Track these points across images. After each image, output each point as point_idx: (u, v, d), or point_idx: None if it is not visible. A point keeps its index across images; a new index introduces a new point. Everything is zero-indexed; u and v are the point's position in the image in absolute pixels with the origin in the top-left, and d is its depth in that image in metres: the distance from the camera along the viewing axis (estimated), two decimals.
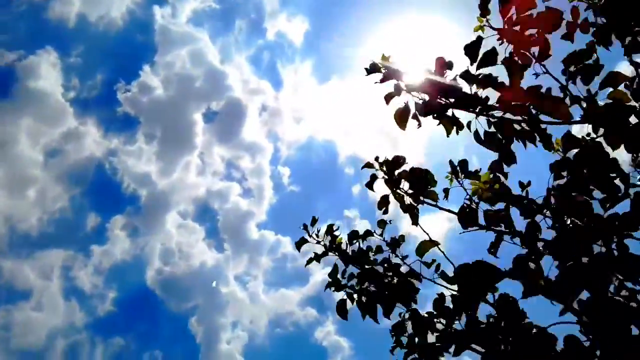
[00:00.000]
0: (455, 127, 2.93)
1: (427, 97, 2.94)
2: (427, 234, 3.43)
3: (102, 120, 36.90)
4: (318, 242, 3.94)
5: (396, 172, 3.58)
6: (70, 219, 35.45)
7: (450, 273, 3.24)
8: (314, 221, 3.99)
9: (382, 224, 3.73)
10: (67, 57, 36.28)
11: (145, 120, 36.74)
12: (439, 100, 2.92)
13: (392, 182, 3.54)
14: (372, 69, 3.11)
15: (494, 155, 3.06)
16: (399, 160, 3.59)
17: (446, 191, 3.47)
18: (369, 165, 3.64)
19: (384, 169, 3.60)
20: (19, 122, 34.55)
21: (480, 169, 3.38)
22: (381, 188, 3.63)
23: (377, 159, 3.65)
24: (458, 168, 3.44)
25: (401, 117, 3.04)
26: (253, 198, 36.27)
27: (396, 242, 3.71)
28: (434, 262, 3.40)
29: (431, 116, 2.95)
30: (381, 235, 3.76)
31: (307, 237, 3.98)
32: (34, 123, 34.95)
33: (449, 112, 2.91)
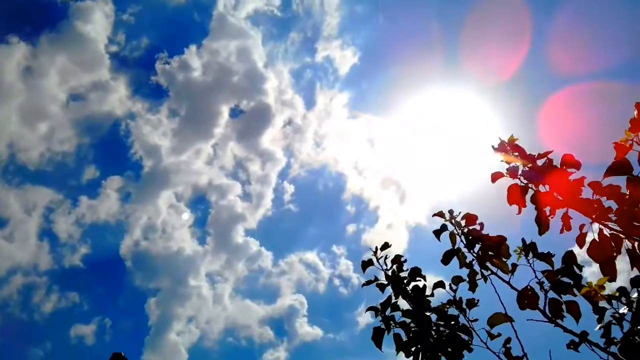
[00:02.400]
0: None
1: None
2: (504, 307, 3.34)
3: (134, 82, 36.32)
4: (382, 269, 3.99)
5: (467, 229, 3.51)
6: (70, 164, 35.26)
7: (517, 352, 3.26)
8: (385, 246, 4.00)
9: (457, 280, 3.62)
10: (122, 12, 35.96)
11: (174, 96, 36.05)
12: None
13: (468, 243, 3.48)
14: (500, 148, 3.26)
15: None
16: (471, 219, 3.50)
17: (514, 267, 3.36)
18: (440, 214, 3.59)
19: (455, 222, 3.54)
20: (54, 58, 34.16)
21: (554, 254, 3.23)
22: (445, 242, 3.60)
23: (451, 212, 3.58)
24: (529, 248, 3.29)
25: (515, 196, 3.12)
26: (250, 203, 35.88)
27: (469, 304, 3.60)
28: (499, 335, 3.36)
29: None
30: (453, 291, 3.63)
31: (374, 259, 4.01)
32: (68, 63, 34.49)
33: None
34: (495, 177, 3.38)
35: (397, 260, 3.94)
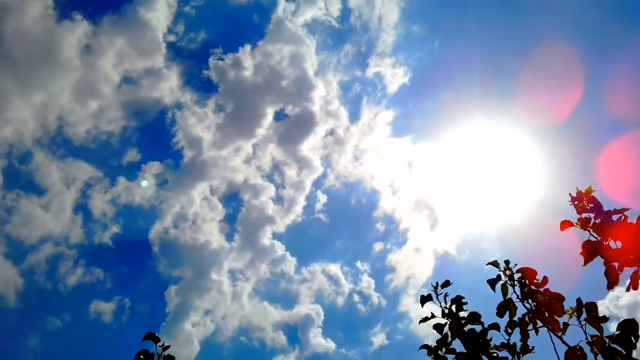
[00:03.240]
0: None
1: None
2: (558, 357, 3.33)
3: (186, 73, 37.11)
4: (440, 306, 4.08)
5: (523, 281, 3.56)
6: (114, 145, 35.90)
7: None
8: (446, 284, 4.09)
9: (512, 325, 3.64)
10: (185, 4, 36.59)
11: (222, 92, 36.54)
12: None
13: (523, 295, 3.54)
14: (576, 198, 3.37)
15: None
16: (530, 274, 3.55)
17: (565, 326, 3.36)
18: (495, 264, 3.67)
19: (509, 273, 3.61)
20: (114, 39, 35.25)
21: (608, 318, 3.19)
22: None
23: (507, 262, 3.65)
24: (584, 309, 3.27)
25: (590, 251, 3.19)
26: (281, 207, 35.13)
27: (524, 349, 3.58)
28: None
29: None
30: (508, 334, 3.64)
31: (433, 295, 4.13)
32: (126, 46, 35.46)
33: None
34: (564, 225, 3.43)
35: (459, 300, 3.97)
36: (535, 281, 3.57)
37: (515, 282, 3.58)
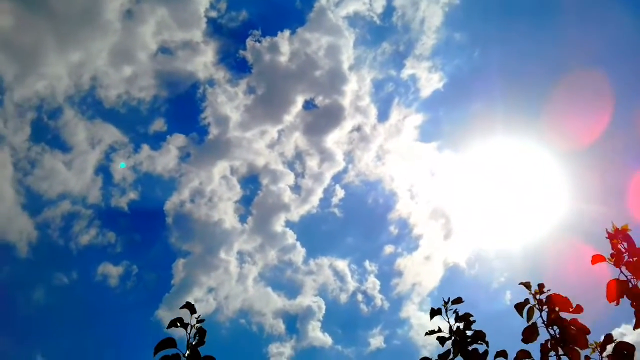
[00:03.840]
0: None
1: None
2: None
3: (222, 50, 36.34)
4: (448, 322, 4.01)
5: (551, 308, 3.57)
6: (142, 112, 35.71)
7: None
8: (457, 301, 3.94)
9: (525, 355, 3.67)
10: None
11: (256, 74, 35.89)
12: None
13: (549, 322, 3.55)
14: (613, 234, 3.38)
15: None
16: (562, 303, 3.54)
17: (587, 359, 3.37)
18: (527, 285, 3.66)
19: (539, 297, 3.60)
20: (155, 8, 35.20)
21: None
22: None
23: (541, 286, 3.64)
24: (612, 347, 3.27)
25: (618, 290, 3.24)
26: (298, 196, 34.88)
27: None
28: None
29: None
30: None
31: (443, 310, 4.01)
32: (167, 16, 35.12)
33: None
34: (595, 259, 3.41)
35: (467, 318, 3.89)
36: (568, 309, 3.55)
37: (544, 307, 3.58)
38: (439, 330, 3.94)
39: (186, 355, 2.77)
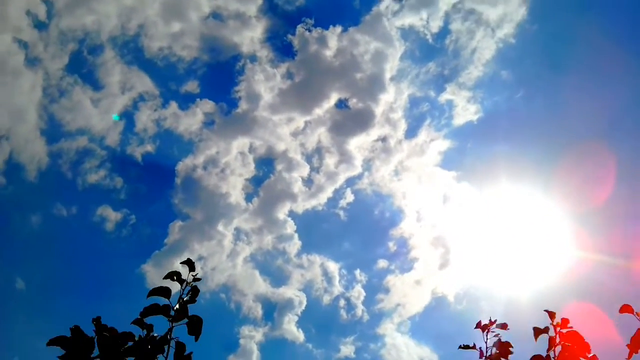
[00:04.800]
0: None
1: None
2: None
3: (272, 30, 34.99)
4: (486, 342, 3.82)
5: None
6: (179, 70, 34.98)
7: None
8: (503, 327, 3.78)
9: None
10: None
11: (298, 61, 34.37)
12: None
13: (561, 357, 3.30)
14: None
15: None
16: (578, 340, 3.27)
17: None
18: (551, 314, 3.41)
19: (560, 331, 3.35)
20: None
21: None
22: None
23: (565, 320, 3.38)
24: None
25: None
26: (308, 190, 33.64)
27: None
28: None
29: None
30: None
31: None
32: None
33: None
34: (624, 309, 3.23)
35: (507, 347, 3.59)
36: (585, 354, 3.28)
37: (561, 342, 3.31)
38: (474, 347, 3.76)
39: (175, 308, 2.87)
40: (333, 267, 34.23)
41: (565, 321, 3.42)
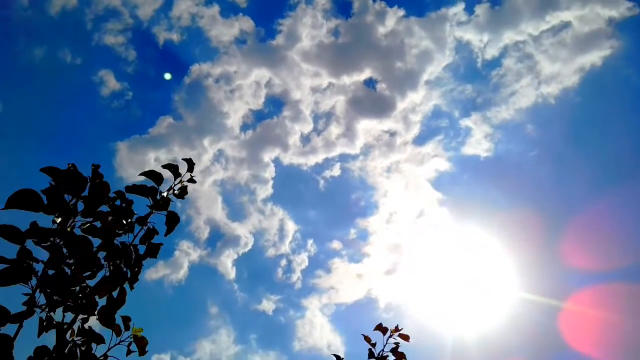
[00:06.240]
0: None
1: None
2: None
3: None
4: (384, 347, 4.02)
5: None
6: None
7: None
8: (405, 338, 3.85)
9: None
10: None
11: (349, 24, 33.30)
12: None
13: None
14: None
15: None
16: None
17: None
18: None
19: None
20: None
21: None
22: None
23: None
24: None
25: None
26: (301, 147, 33.72)
27: None
28: None
29: None
30: None
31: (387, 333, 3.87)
32: None
33: None
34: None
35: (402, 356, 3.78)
36: None
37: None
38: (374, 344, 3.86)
39: (158, 197, 2.86)
40: (291, 226, 33.56)
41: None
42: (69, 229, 2.33)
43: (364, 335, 3.81)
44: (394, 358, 3.70)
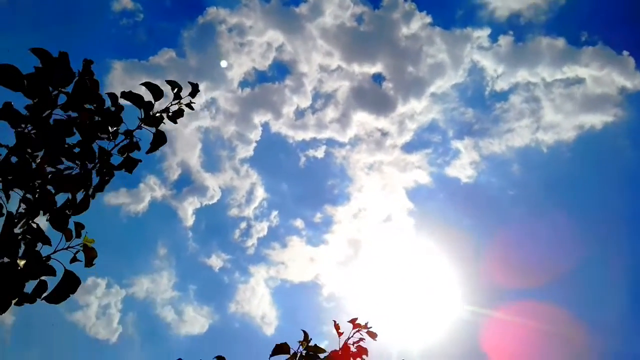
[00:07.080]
0: None
1: None
2: None
3: None
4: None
5: None
6: None
7: None
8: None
9: None
10: None
11: (375, 15, 32.18)
12: None
13: None
14: None
15: None
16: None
17: None
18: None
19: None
20: None
21: None
22: None
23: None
24: None
25: None
26: (293, 121, 33.74)
27: None
28: None
29: None
30: None
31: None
32: None
33: None
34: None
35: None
36: None
37: None
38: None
39: (151, 113, 2.67)
40: (260, 193, 33.50)
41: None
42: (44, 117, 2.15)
43: (334, 322, 3.74)
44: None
